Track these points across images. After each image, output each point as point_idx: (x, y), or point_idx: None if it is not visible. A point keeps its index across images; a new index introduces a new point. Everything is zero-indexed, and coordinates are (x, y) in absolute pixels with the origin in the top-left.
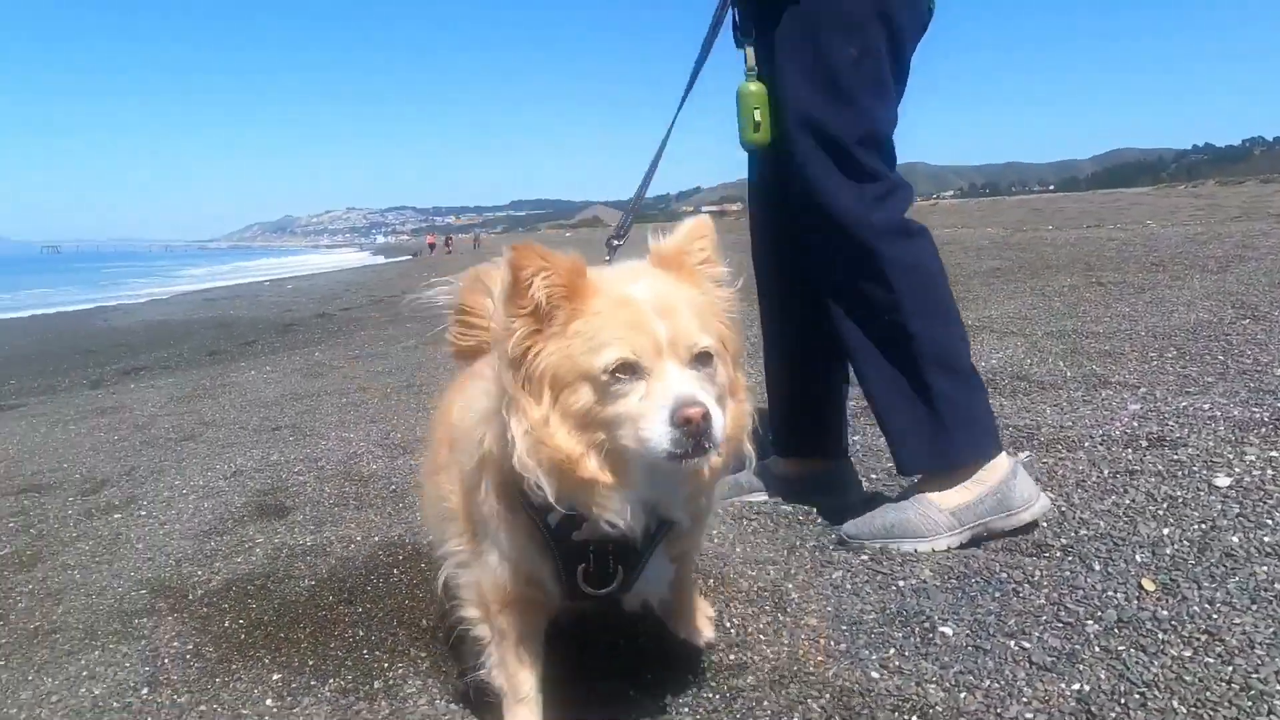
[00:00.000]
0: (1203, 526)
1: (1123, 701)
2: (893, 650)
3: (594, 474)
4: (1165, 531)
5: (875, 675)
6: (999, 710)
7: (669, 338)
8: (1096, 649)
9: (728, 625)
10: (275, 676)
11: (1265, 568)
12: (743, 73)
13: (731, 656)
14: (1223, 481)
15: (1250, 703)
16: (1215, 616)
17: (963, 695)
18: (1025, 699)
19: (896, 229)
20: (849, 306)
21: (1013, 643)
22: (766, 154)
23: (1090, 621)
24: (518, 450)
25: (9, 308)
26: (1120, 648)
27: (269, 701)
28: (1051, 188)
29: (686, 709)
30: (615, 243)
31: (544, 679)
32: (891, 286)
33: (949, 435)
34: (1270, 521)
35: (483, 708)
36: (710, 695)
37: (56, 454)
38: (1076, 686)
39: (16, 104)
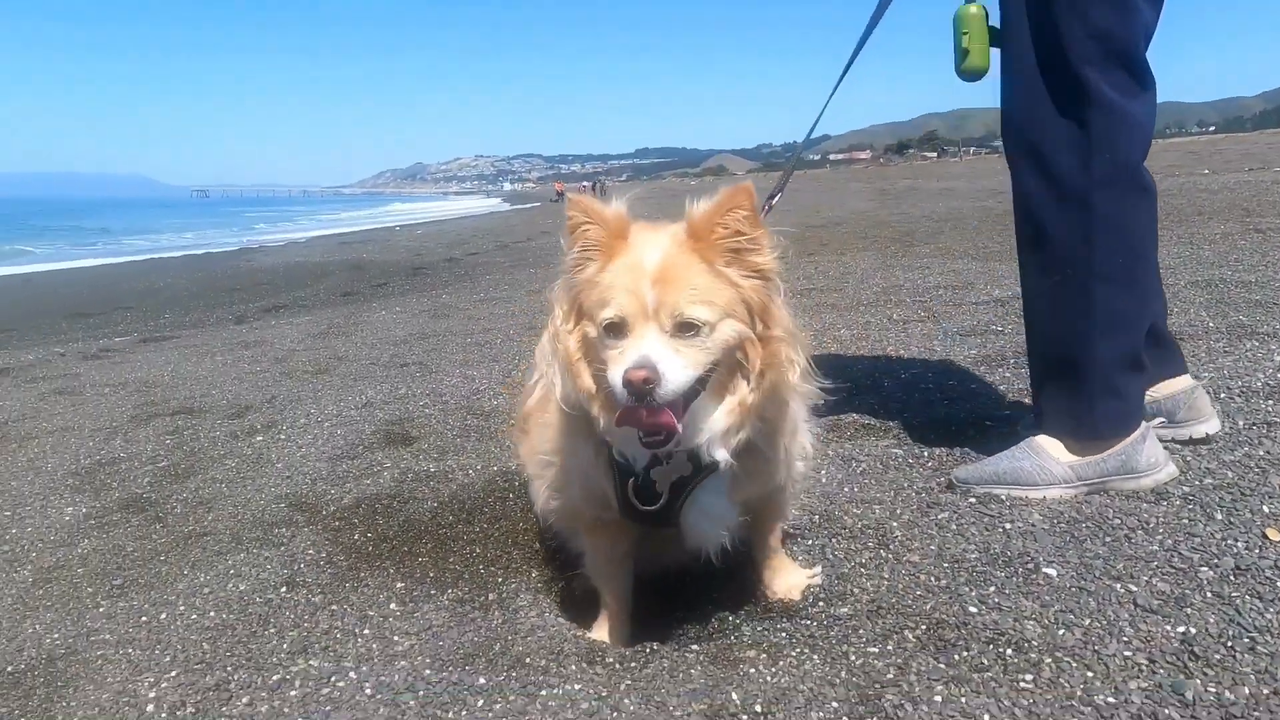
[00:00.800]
0: None
1: (1230, 645)
2: (993, 588)
3: (588, 386)
4: None
5: (973, 610)
6: (1097, 647)
7: (655, 305)
8: (1208, 594)
9: (829, 558)
10: (399, 585)
11: None
12: None
13: (832, 588)
14: None
15: None
16: None
17: (1061, 632)
18: (1126, 638)
19: (1121, 181)
20: (1037, 248)
21: (1118, 585)
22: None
23: (1204, 568)
24: (546, 348)
25: (164, 248)
26: (1234, 594)
27: (393, 605)
28: (1213, 129)
29: (784, 633)
30: (772, 201)
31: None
32: (1090, 241)
33: (1096, 406)
34: None
35: (586, 618)
36: (808, 622)
37: (206, 381)
38: (1182, 629)
39: (168, 56)
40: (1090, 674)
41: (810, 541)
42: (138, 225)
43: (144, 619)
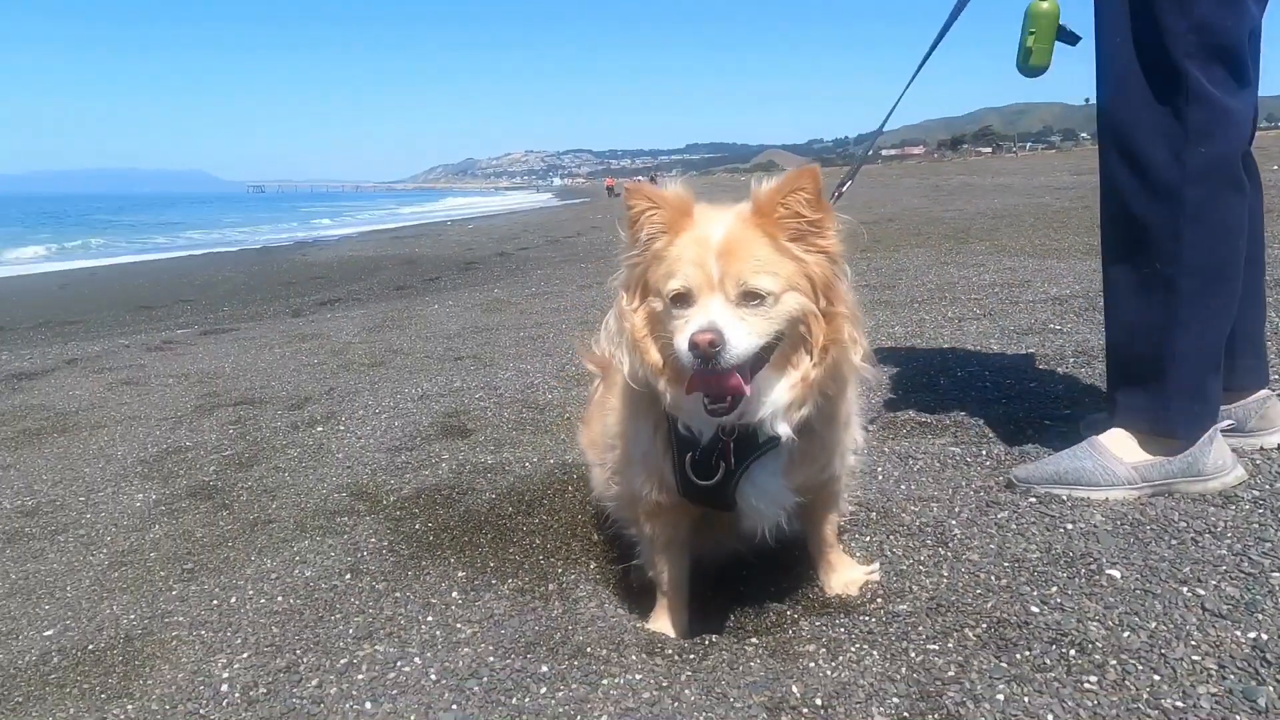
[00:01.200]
0: None
1: None
2: (1055, 588)
3: (654, 360)
4: None
5: (1034, 610)
6: (1163, 650)
7: (720, 276)
8: None
9: (887, 555)
10: (460, 574)
11: None
12: None
13: (890, 585)
14: None
15: None
16: None
17: (1126, 634)
18: (1194, 642)
19: (1215, 176)
20: (1124, 240)
21: (1185, 589)
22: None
23: (1276, 574)
24: (612, 329)
25: (221, 243)
26: None
27: (455, 594)
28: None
29: (842, 629)
30: (840, 190)
31: (690, 584)
32: (1179, 236)
33: (1175, 404)
34: None
35: (644, 609)
36: (866, 618)
37: (265, 373)
38: (1253, 635)
39: (226, 54)
40: (1157, 677)
41: (868, 538)
42: (197, 220)
43: (215, 602)
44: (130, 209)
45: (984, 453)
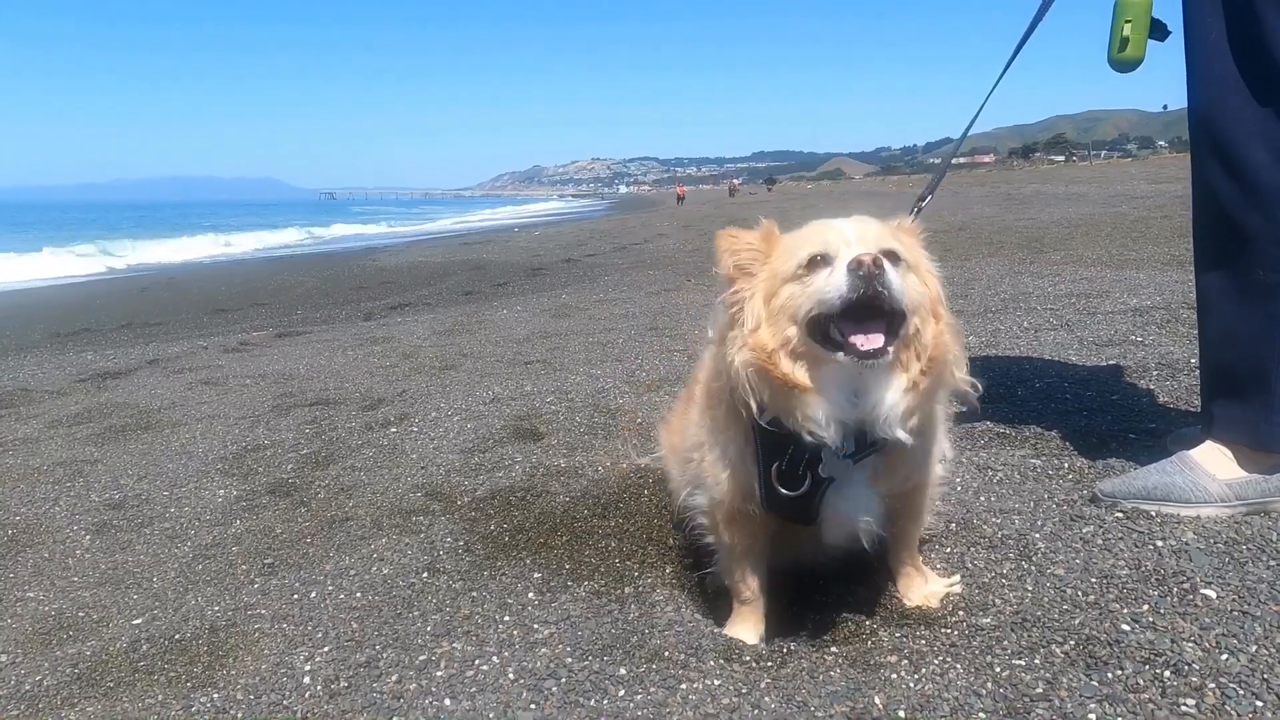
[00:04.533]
0: None
1: None
2: (1146, 606)
3: (787, 373)
4: None
5: (1125, 628)
6: (1266, 675)
7: (858, 235)
8: None
9: (968, 567)
10: (536, 575)
11: None
12: None
13: (973, 597)
14: None
15: None
16: None
17: (1224, 657)
18: None
19: None
20: (1221, 246)
21: None
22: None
23: None
24: (735, 363)
25: (294, 245)
26: None
27: (531, 595)
28: None
29: (924, 641)
30: (921, 204)
31: (766, 592)
32: None
33: (1275, 416)
34: None
35: (720, 615)
36: (948, 631)
37: (339, 375)
38: None
39: (296, 61)
40: (1260, 703)
41: (948, 550)
42: (270, 223)
43: (295, 596)
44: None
45: (1065, 465)
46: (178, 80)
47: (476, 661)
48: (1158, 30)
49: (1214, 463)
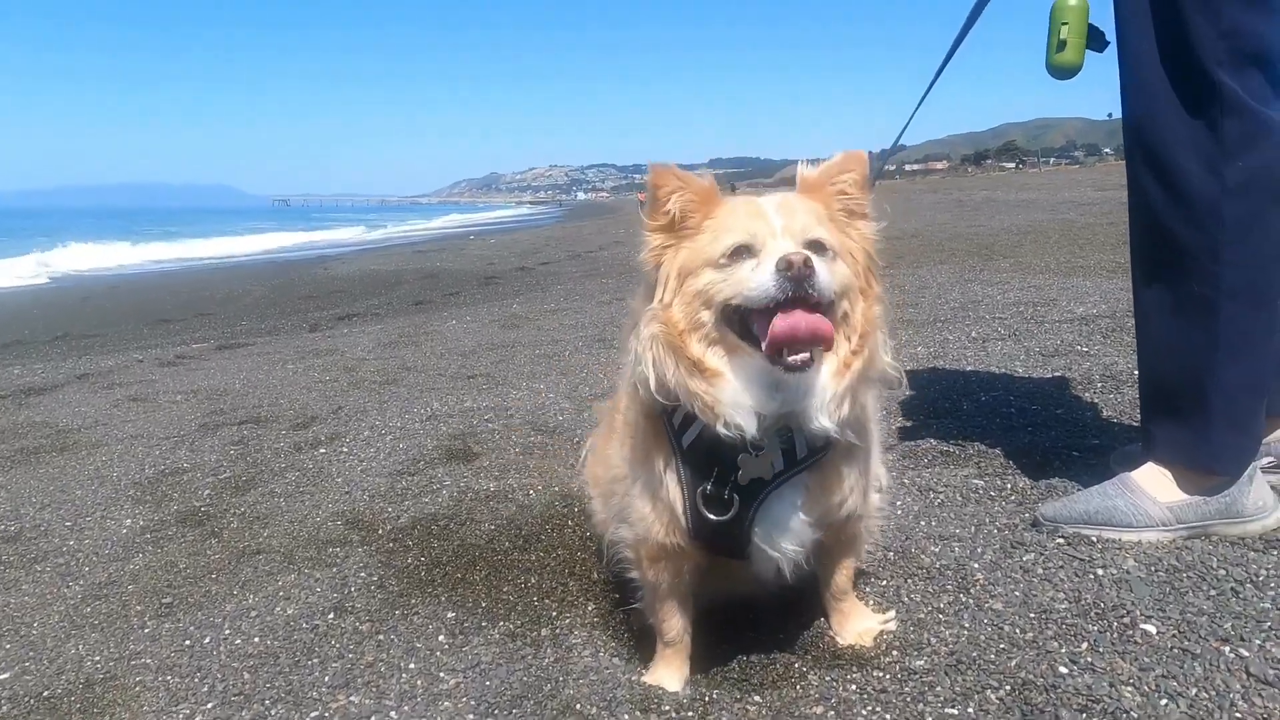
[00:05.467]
0: None
1: None
2: (1085, 645)
3: (698, 356)
4: None
5: (1063, 670)
6: None
7: (783, 226)
8: None
9: (905, 601)
10: (450, 614)
11: None
12: None
13: (908, 636)
14: None
15: None
16: None
17: (1164, 702)
18: (1239, 713)
19: (1256, 191)
20: (1157, 260)
21: (1227, 648)
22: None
23: None
24: (643, 337)
25: (244, 253)
26: None
27: (441, 638)
28: None
29: (854, 685)
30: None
31: (694, 627)
32: (1218, 255)
33: (1217, 436)
34: None
35: (644, 655)
36: (880, 674)
37: (275, 390)
38: None
39: (249, 67)
40: None
41: (884, 582)
42: (221, 230)
43: (187, 642)
44: (160, 219)
45: (1008, 486)
46: (124, 84)
47: (372, 718)
48: (1095, 40)
49: (1155, 485)
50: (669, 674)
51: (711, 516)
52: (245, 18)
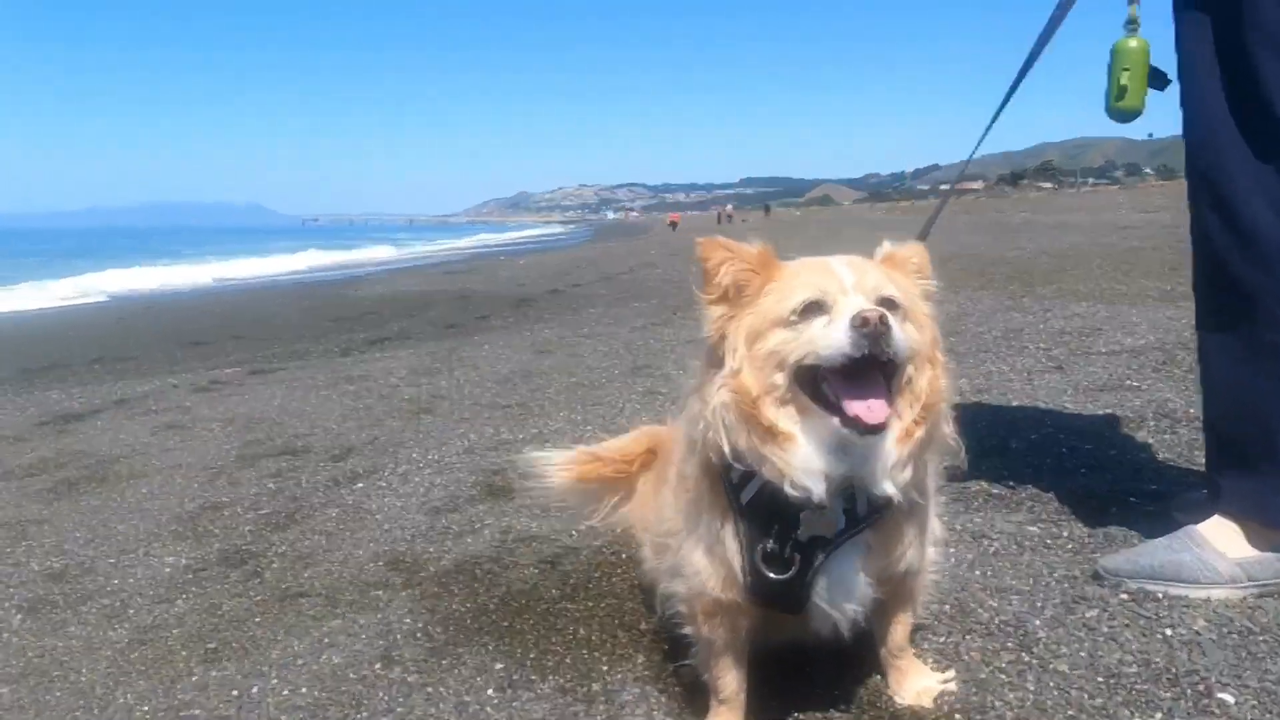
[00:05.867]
0: None
1: None
2: (1159, 714)
3: (771, 420)
4: None
5: None
6: None
7: (855, 283)
8: None
9: (964, 659)
10: (498, 665)
11: None
12: (1121, 26)
13: (969, 698)
14: None
15: None
16: None
17: None
18: None
19: None
20: (1225, 305)
21: None
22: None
23: None
24: (712, 404)
25: (275, 273)
26: None
27: (490, 691)
28: None
29: None
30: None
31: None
32: None
33: None
34: None
35: (697, 711)
36: None
37: (310, 419)
38: None
39: (281, 88)
40: None
41: (942, 639)
42: (252, 250)
43: (235, 692)
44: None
45: (1064, 533)
46: (156, 105)
47: None
48: (1157, 79)
49: (1223, 539)
50: None
51: (771, 575)
52: (278, 40)
